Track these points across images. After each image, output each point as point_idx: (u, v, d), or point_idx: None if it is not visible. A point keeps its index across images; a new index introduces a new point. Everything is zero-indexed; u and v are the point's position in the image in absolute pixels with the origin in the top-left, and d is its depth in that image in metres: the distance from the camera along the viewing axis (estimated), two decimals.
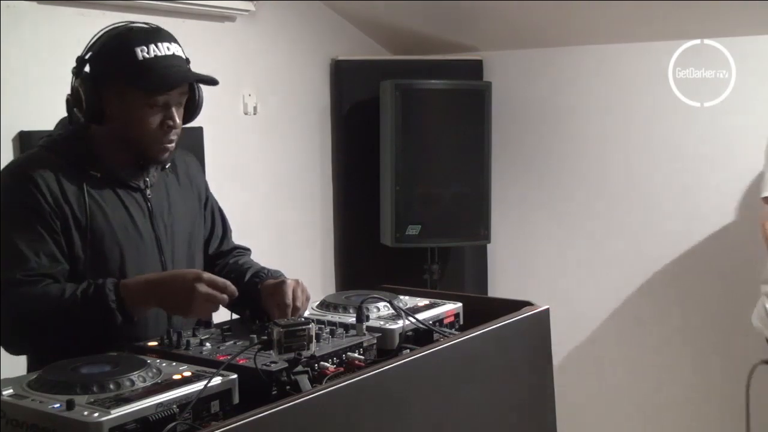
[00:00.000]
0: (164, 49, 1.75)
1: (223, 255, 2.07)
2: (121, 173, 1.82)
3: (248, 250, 2.14)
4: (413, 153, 3.61)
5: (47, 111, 2.75)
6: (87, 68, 1.78)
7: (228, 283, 1.67)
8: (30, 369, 1.71)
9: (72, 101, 1.78)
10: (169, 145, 1.81)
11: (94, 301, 1.63)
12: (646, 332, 3.67)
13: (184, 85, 1.80)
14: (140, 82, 1.72)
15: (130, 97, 1.74)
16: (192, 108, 1.87)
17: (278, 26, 3.65)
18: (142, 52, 1.72)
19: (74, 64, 1.79)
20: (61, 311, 1.63)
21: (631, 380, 3.72)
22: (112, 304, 1.62)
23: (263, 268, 2.00)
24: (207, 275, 1.65)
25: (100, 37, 1.78)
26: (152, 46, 1.73)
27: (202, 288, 1.63)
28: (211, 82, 1.80)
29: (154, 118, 1.76)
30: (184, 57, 1.81)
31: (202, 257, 2.02)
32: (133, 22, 1.80)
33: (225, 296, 1.65)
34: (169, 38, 1.79)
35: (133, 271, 1.79)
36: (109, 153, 1.81)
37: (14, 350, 1.75)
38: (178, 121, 1.80)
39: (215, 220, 2.07)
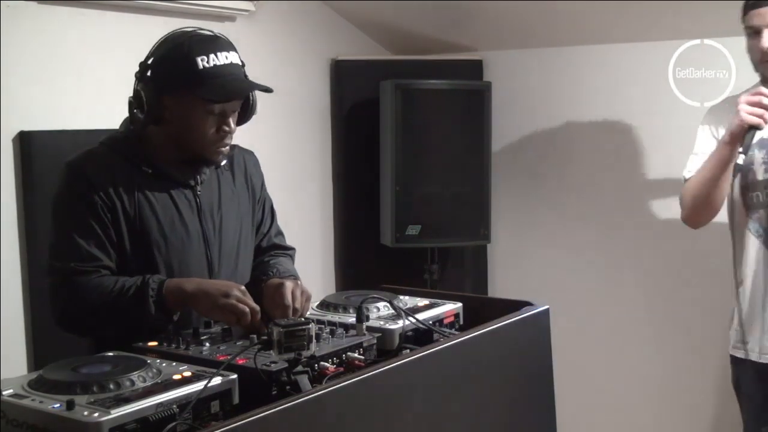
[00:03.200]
0: (223, 58, 1.84)
1: (261, 252, 2.13)
2: (173, 171, 1.91)
3: (290, 249, 2.20)
4: (413, 153, 3.61)
5: (47, 111, 2.78)
6: (148, 72, 1.85)
7: (256, 309, 1.73)
8: (91, 351, 1.81)
9: (134, 103, 1.86)
10: (224, 149, 1.92)
11: (136, 294, 1.74)
12: (647, 332, 3.67)
13: None
14: (200, 90, 1.81)
15: (190, 104, 1.83)
16: (246, 111, 1.97)
17: (278, 26, 3.65)
18: (202, 62, 1.81)
19: (137, 68, 1.87)
20: (110, 301, 1.75)
21: (632, 380, 3.72)
22: (151, 298, 1.73)
23: (278, 266, 2.04)
24: (242, 289, 1.76)
25: (162, 44, 1.87)
26: (212, 56, 1.82)
27: (234, 292, 1.72)
28: (267, 90, 1.92)
29: (211, 124, 1.86)
30: (240, 63, 1.91)
31: (252, 254, 2.08)
32: (194, 29, 1.89)
33: (246, 309, 1.70)
34: (228, 47, 1.88)
35: (177, 265, 1.88)
36: (163, 152, 1.90)
37: (71, 332, 1.87)
38: (233, 126, 1.90)
39: (264, 217, 2.14)
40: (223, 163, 2.02)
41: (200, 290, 1.76)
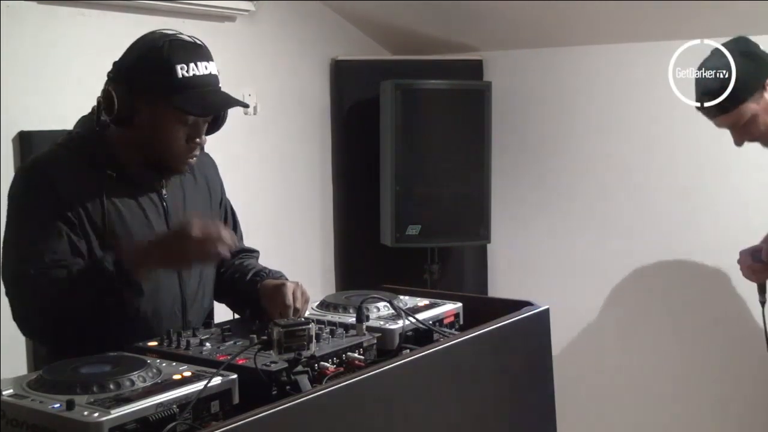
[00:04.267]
0: (202, 68, 1.77)
1: (231, 255, 2.08)
2: (137, 174, 1.84)
3: (256, 252, 2.16)
4: (413, 153, 3.61)
5: (47, 111, 2.78)
6: (123, 74, 1.77)
7: (220, 229, 1.70)
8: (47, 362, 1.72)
9: (103, 103, 1.78)
10: (192, 160, 1.86)
11: (91, 270, 1.67)
12: (647, 332, 3.67)
13: None
14: (176, 101, 1.75)
15: (163, 111, 1.76)
16: (217, 122, 1.91)
17: (278, 26, 3.65)
18: (181, 70, 1.74)
19: (111, 68, 1.81)
20: (67, 289, 1.66)
21: (632, 380, 3.72)
22: (108, 266, 1.66)
23: (264, 268, 2.01)
24: (198, 221, 1.70)
25: (139, 45, 1.80)
26: (192, 65, 1.75)
27: (195, 231, 1.67)
28: (245, 106, 1.88)
29: (182, 134, 1.80)
30: (217, 73, 1.83)
31: None
32: (174, 33, 1.81)
33: (219, 232, 1.68)
34: (208, 56, 1.81)
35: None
36: (127, 155, 1.83)
37: (33, 335, 1.81)
38: (204, 138, 1.85)
39: (227, 220, 2.10)
40: None
41: (152, 242, 1.72)
